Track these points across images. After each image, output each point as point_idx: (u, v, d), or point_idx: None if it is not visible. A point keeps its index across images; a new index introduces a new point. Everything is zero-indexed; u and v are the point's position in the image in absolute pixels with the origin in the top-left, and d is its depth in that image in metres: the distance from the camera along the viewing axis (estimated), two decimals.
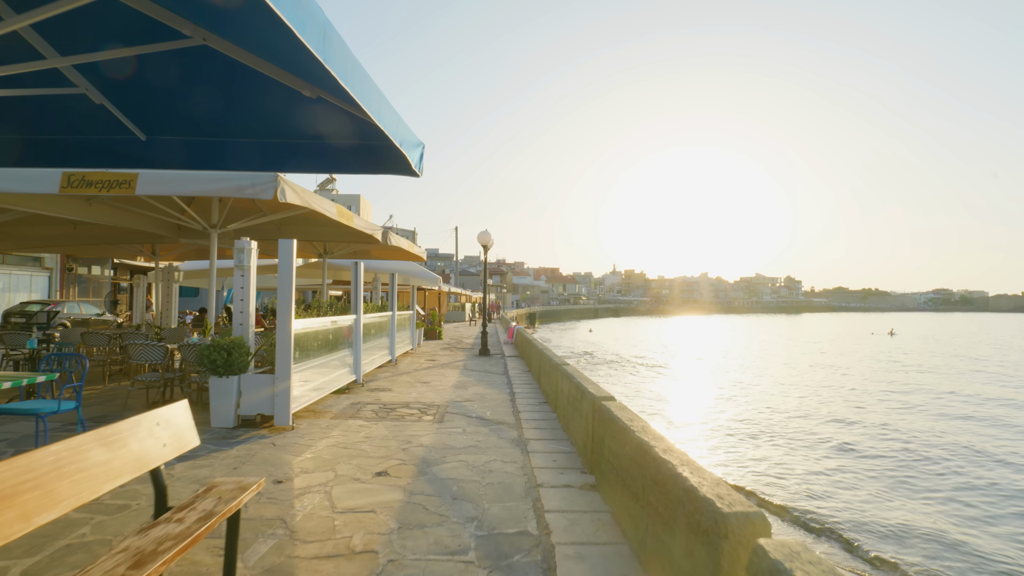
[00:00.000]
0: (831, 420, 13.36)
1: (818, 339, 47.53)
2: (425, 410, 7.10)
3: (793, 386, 19.06)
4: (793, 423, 12.99)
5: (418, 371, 11.23)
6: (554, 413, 6.97)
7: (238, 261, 6.26)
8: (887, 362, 28.39)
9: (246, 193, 5.60)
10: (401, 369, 11.48)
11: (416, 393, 8.43)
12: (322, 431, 5.79)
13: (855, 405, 15.50)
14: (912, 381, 20.95)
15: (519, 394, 8.51)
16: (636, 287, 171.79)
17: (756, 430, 12.11)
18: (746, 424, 12.70)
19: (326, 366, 7.55)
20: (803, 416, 13.76)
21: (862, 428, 12.55)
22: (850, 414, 14.10)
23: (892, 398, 16.87)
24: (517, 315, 55.71)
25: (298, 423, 6.13)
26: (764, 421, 13.08)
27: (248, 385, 5.90)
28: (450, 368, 11.82)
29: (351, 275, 9.36)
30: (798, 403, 15.61)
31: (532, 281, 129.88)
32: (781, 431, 12.07)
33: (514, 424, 6.41)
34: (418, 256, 12.86)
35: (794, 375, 22.22)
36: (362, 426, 6.09)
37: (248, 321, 6.27)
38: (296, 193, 5.84)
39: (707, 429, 12.18)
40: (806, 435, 11.73)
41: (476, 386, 9.28)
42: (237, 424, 5.86)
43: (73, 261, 23.56)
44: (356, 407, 7.17)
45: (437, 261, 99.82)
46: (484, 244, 14.62)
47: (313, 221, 9.10)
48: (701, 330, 61.53)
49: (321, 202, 6.63)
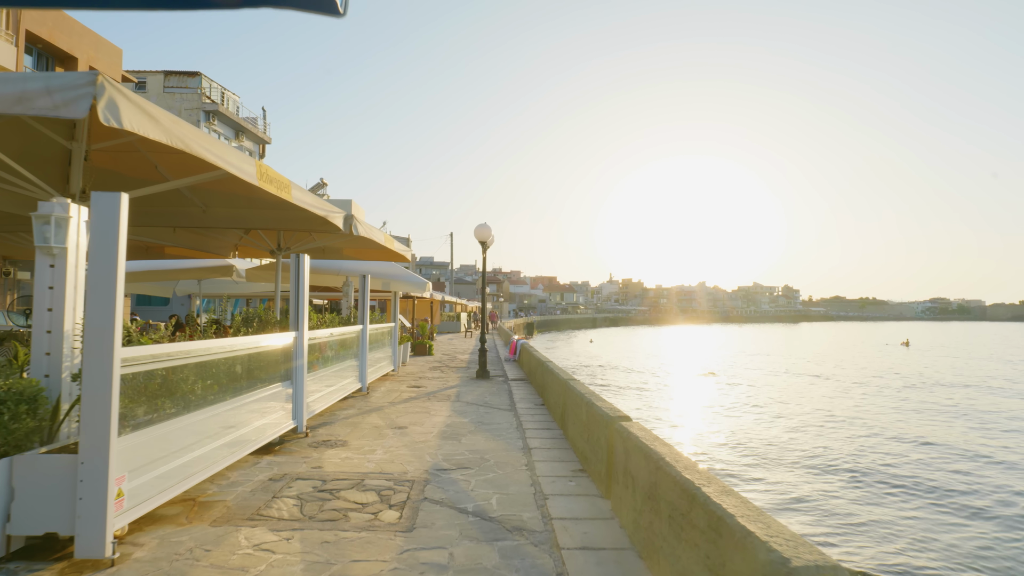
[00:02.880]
0: (917, 461, 10.57)
1: (830, 352, 44.84)
2: (389, 494, 4.25)
3: (850, 416, 16.26)
4: (867, 458, 10.21)
5: (395, 405, 8.38)
6: (599, 490, 4.16)
7: (41, 238, 3.44)
8: (923, 378, 25.68)
9: (33, 107, 2.74)
10: (372, 403, 8.61)
11: (382, 452, 5.58)
12: (181, 563, 2.96)
13: (932, 438, 12.72)
14: (966, 401, 18.21)
15: (538, 450, 5.68)
16: (633, 296, 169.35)
17: (850, 480, 9.31)
18: (833, 474, 9.89)
19: (223, 416, 4.65)
20: (886, 456, 10.96)
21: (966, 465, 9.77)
22: (941, 453, 11.31)
23: (962, 422, 14.11)
24: (515, 324, 52.89)
25: (141, 538, 3.29)
26: (842, 459, 10.27)
27: (34, 475, 3.03)
28: (438, 400, 8.97)
29: (290, 274, 6.54)
30: (866, 437, 12.81)
31: (529, 290, 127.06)
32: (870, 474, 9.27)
33: (542, 529, 3.59)
34: (400, 255, 10.09)
35: (838, 397, 19.44)
36: (262, 545, 3.26)
37: (60, 346, 3.43)
38: (140, 110, 2.98)
39: (824, 513, 9.37)
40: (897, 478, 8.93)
41: (474, 434, 6.44)
42: (6, 553, 3.00)
43: (11, 264, 20.62)
44: (272, 489, 4.31)
45: (432, 269, 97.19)
46: (482, 240, 11.84)
47: (225, 193, 6.34)
48: (705, 341, 58.83)
49: (210, 144, 3.77)
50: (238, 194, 6.70)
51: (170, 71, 32.13)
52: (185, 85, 32.02)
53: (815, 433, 12.93)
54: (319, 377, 7.06)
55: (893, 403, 17.76)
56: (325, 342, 7.41)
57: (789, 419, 14.63)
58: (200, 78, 32.23)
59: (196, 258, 11.69)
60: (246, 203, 7.08)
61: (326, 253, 11.38)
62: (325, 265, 11.71)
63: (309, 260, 6.41)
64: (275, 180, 4.88)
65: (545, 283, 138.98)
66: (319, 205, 6.10)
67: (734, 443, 11.87)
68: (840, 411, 15.97)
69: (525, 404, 8.60)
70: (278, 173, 5.02)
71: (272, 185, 4.83)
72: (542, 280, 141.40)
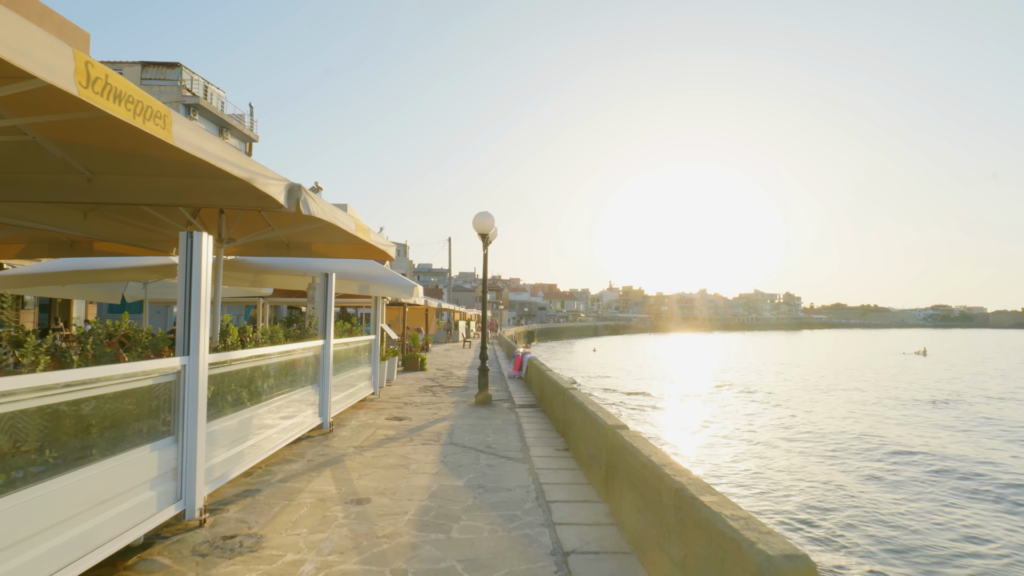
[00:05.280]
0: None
1: (845, 361, 42.53)
2: None
3: (918, 439, 13.97)
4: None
5: (363, 451, 6.07)
6: None
7: None
8: (965, 392, 23.39)
9: None
10: (332, 449, 6.30)
11: (313, 569, 3.27)
12: None
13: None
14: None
15: (579, 556, 3.40)
16: (634, 303, 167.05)
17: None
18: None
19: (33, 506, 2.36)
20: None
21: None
22: None
23: None
24: (515, 333, 50.56)
25: None
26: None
27: None
28: (424, 442, 6.67)
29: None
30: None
31: (529, 297, 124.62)
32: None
33: None
34: (381, 251, 7.90)
35: (887, 416, 17.14)
36: None
37: None
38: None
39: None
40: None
41: (472, 516, 4.14)
42: None
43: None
44: None
45: (430, 276, 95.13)
46: (483, 232, 9.57)
47: (113, 153, 4.11)
48: (716, 350, 56.52)
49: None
50: (131, 153, 4.49)
51: (148, 62, 29.99)
52: (164, 77, 29.88)
53: (947, 491, 10.01)
54: (243, 420, 4.76)
55: (985, 431, 15.47)
56: (259, 366, 5.11)
57: (874, 462, 12.30)
58: (180, 69, 30.09)
59: (135, 255, 9.43)
60: (143, 166, 4.86)
61: (292, 249, 9.15)
62: (286, 264, 9.47)
63: (206, 239, 4.09)
64: (120, 93, 2.61)
65: (545, 290, 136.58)
66: (239, 162, 3.85)
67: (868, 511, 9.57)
68: (953, 453, 13.69)
69: (543, 448, 6.30)
70: (142, 93, 2.76)
71: (115, 105, 2.57)
72: (542, 287, 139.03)
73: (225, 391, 4.44)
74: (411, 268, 75.76)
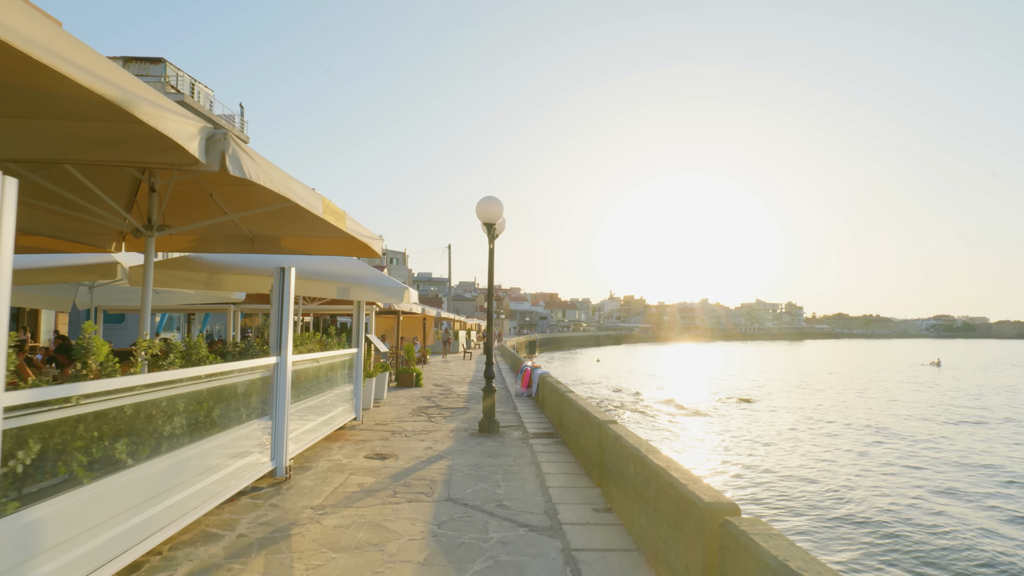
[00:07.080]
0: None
1: (858, 373, 40.68)
2: None
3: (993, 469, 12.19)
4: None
5: (325, 514, 4.28)
6: None
7: None
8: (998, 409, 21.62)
9: None
10: (281, 511, 4.49)
11: None
12: None
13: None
14: None
15: None
16: (635, 313, 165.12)
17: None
18: None
19: None
20: None
21: None
22: None
23: None
24: (517, 343, 48.76)
25: None
26: None
27: None
28: (410, 499, 4.86)
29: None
30: None
31: (530, 307, 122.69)
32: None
33: None
34: (364, 245, 6.26)
35: (940, 439, 15.34)
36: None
37: None
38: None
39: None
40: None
41: None
42: None
43: None
44: None
45: (430, 285, 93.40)
46: (489, 223, 7.83)
47: None
48: (723, 361, 54.65)
49: None
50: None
51: (130, 57, 28.44)
52: (147, 72, 28.31)
53: None
54: (138, 481, 2.99)
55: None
56: (156, 399, 3.35)
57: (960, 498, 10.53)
58: (164, 65, 28.56)
59: (70, 252, 7.71)
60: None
61: (256, 245, 7.45)
62: (247, 262, 7.75)
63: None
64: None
65: (546, 300, 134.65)
66: (111, 77, 2.10)
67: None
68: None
69: (575, 508, 4.50)
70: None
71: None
72: (543, 297, 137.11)
73: (76, 446, 2.67)
74: (410, 277, 74.00)
